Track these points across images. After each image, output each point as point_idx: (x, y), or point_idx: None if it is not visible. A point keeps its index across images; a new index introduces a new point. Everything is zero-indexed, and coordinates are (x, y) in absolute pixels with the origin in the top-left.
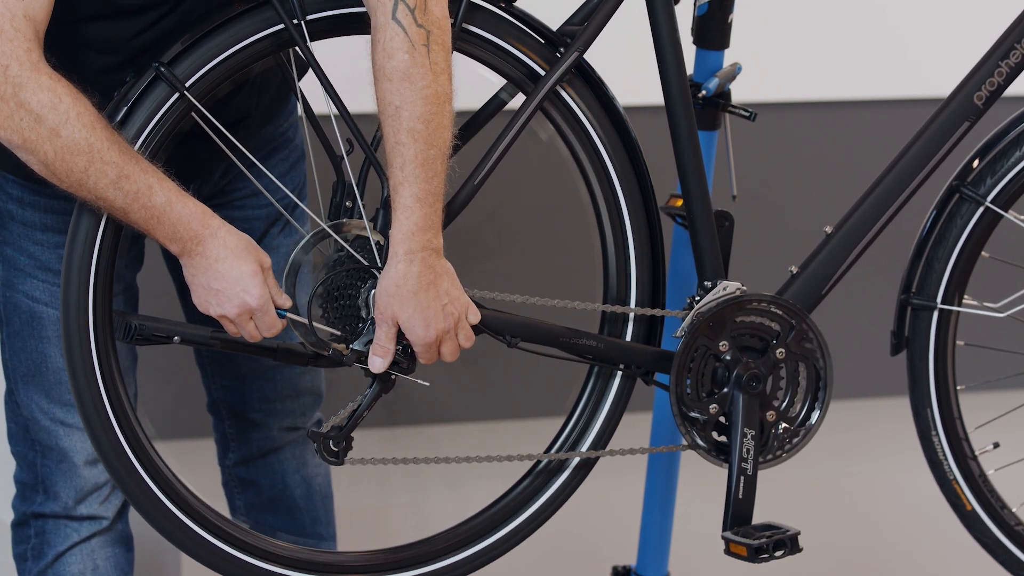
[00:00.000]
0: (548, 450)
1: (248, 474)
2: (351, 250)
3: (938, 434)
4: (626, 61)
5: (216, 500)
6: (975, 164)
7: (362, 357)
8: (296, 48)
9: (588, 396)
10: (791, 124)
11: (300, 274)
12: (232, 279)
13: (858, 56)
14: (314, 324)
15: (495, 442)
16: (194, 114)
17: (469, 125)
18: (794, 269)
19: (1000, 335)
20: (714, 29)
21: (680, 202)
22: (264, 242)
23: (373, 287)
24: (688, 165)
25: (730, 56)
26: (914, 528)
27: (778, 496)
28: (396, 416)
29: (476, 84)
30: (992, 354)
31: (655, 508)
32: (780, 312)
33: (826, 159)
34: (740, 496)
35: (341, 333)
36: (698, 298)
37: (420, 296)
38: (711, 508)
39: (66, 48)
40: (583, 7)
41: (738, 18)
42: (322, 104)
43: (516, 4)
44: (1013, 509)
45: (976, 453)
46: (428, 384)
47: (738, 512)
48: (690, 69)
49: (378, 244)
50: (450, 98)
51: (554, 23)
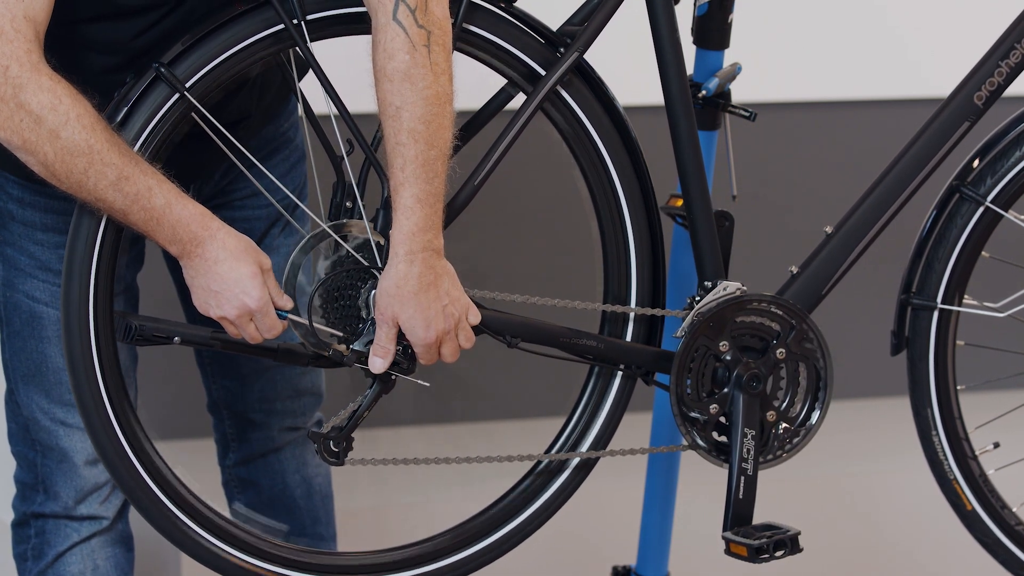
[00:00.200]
0: (548, 450)
1: (248, 474)
2: (351, 250)
3: (938, 434)
4: (626, 61)
5: (216, 500)
6: (975, 164)
7: (362, 357)
8: (296, 48)
9: (588, 396)
10: (791, 124)
11: (300, 274)
12: (231, 281)
13: (858, 56)
14: (314, 324)
15: (495, 442)
16: (194, 114)
17: (469, 125)
18: (794, 269)
19: (1000, 335)
20: (714, 29)
21: (680, 202)
22: (264, 242)
23: (373, 287)
24: (688, 165)
25: (730, 56)
26: (914, 528)
27: (778, 496)
28: (396, 416)
29: (476, 84)
30: (992, 354)
31: (655, 508)
32: (780, 312)
33: (826, 159)
34: (740, 496)
35: (341, 334)
36: (698, 298)
37: (420, 297)
38: (711, 508)
39: (66, 49)
40: (583, 7)
41: (738, 18)
42: (322, 104)
43: (516, 4)
44: (1013, 509)
45: (976, 453)
46: (428, 385)
47: (738, 512)
48: (690, 69)
49: (378, 244)
50: (451, 99)
51: (554, 23)
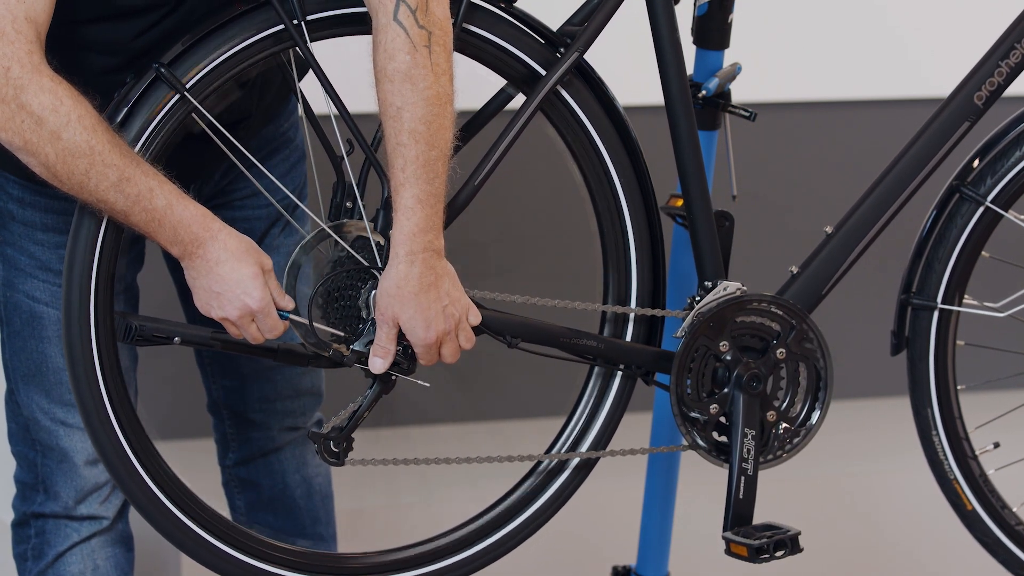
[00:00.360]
0: (548, 450)
1: (248, 474)
2: (351, 251)
3: (938, 434)
4: (626, 61)
5: (216, 500)
6: (975, 164)
7: (362, 358)
8: (296, 48)
9: (588, 396)
10: (791, 124)
11: (300, 274)
12: (233, 282)
13: (858, 56)
14: (315, 324)
15: (495, 442)
16: (194, 115)
17: (470, 125)
18: (794, 269)
19: (1000, 335)
20: (714, 29)
21: (680, 202)
22: (265, 242)
23: (373, 288)
24: (688, 165)
25: (730, 56)
26: (914, 528)
27: (778, 496)
28: (397, 416)
29: (476, 84)
30: (992, 354)
31: (655, 508)
32: (780, 312)
33: (826, 159)
34: (740, 496)
35: (342, 334)
36: (698, 298)
37: (421, 297)
38: (711, 508)
39: (67, 50)
40: (583, 7)
41: (738, 18)
42: (322, 104)
43: (516, 4)
44: (1013, 509)
45: (976, 453)
46: (428, 385)
47: (738, 512)
48: (690, 69)
49: (378, 245)
50: (451, 99)
51: (554, 23)
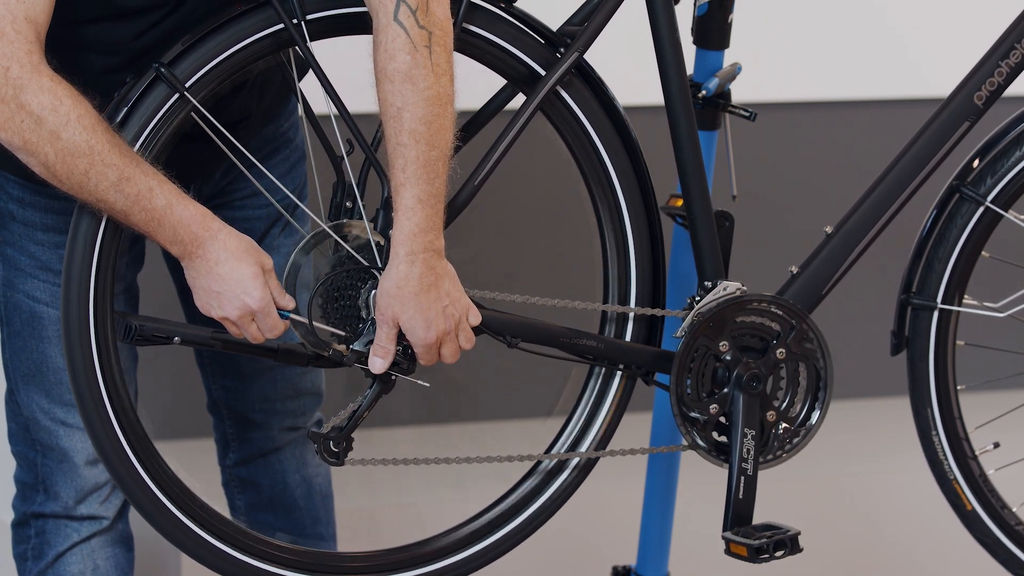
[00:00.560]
0: (548, 451)
1: (248, 474)
2: (351, 251)
3: (938, 434)
4: (626, 61)
5: (216, 500)
6: (975, 164)
7: (362, 358)
8: (296, 48)
9: (588, 396)
10: (791, 124)
11: (300, 274)
12: (233, 281)
13: (858, 56)
14: (315, 324)
15: (495, 442)
16: (194, 115)
17: (469, 125)
18: (794, 269)
19: (1000, 335)
20: (714, 29)
21: (680, 202)
22: (265, 242)
23: (374, 288)
24: (688, 165)
25: (730, 56)
26: (914, 528)
27: (778, 496)
28: (396, 416)
29: (476, 84)
30: (992, 354)
31: (655, 508)
32: (780, 312)
33: (826, 159)
34: (740, 496)
35: (342, 333)
36: (698, 298)
37: (421, 297)
38: (711, 508)
39: (67, 50)
40: (583, 7)
41: (738, 18)
42: (322, 104)
43: (516, 4)
44: (1013, 509)
45: (976, 453)
46: (428, 385)
47: (738, 512)
48: (690, 69)
49: (378, 245)
50: (452, 99)
51: (554, 23)
